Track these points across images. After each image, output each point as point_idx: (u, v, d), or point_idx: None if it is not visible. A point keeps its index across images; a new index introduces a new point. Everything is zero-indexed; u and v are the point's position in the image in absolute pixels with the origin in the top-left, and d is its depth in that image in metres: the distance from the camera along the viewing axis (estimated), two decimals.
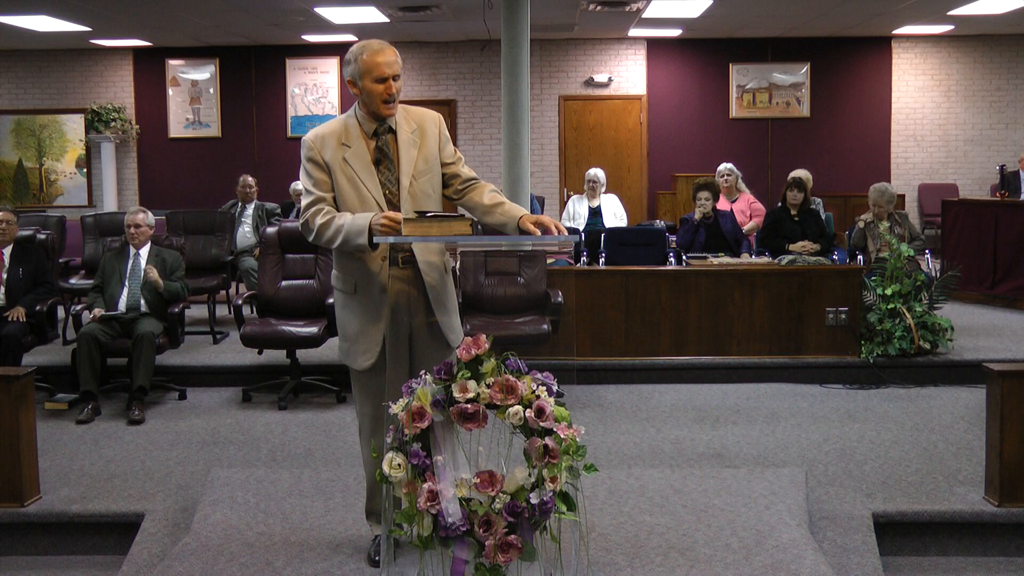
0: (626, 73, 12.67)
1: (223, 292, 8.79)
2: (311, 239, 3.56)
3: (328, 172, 3.55)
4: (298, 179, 11.85)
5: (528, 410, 3.10)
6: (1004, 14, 10.63)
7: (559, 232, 3.41)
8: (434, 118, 3.69)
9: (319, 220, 3.51)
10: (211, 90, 12.62)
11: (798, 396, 6.51)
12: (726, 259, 7.31)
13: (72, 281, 8.20)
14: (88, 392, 6.09)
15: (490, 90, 12.45)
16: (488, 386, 3.11)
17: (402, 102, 3.65)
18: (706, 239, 7.70)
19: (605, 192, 9.29)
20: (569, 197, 9.75)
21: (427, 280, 3.58)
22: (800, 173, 8.40)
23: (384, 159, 3.57)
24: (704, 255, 7.42)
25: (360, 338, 3.59)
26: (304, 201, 3.58)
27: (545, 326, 6.15)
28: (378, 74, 3.46)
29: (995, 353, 6.89)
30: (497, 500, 3.07)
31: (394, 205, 3.54)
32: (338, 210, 3.56)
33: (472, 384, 3.11)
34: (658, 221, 9.81)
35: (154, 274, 6.35)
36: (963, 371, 6.71)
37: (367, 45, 3.51)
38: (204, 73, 12.62)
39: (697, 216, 7.74)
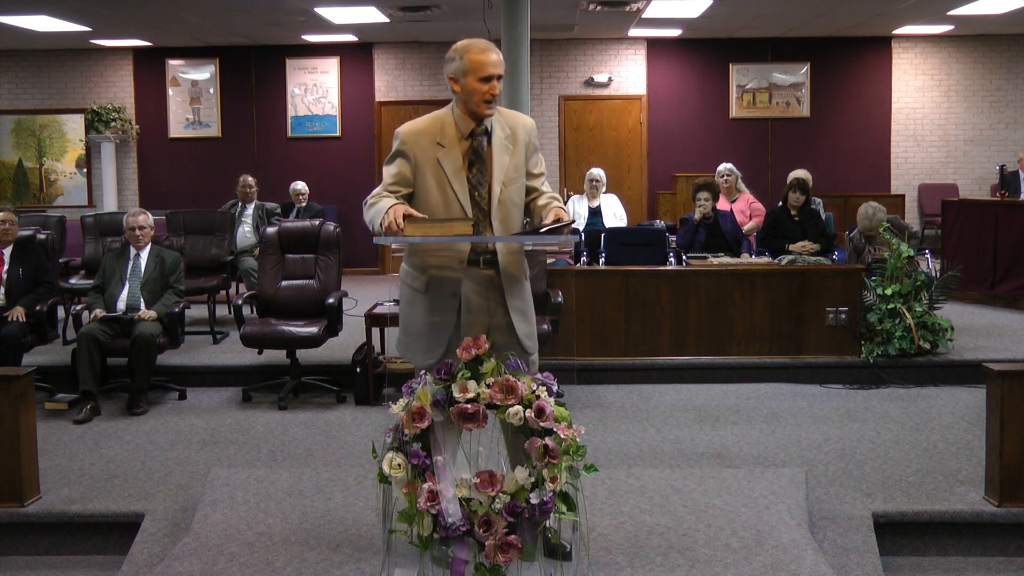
0: (626, 73, 12.66)
1: (223, 292, 8.79)
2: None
3: (414, 169, 3.50)
4: (298, 179, 11.80)
5: (528, 410, 3.10)
6: (1004, 14, 10.63)
7: (558, 221, 3.39)
8: (527, 125, 3.63)
9: (369, 201, 3.48)
10: (211, 90, 12.61)
11: (798, 396, 6.51)
12: (726, 259, 7.31)
13: (72, 281, 8.21)
14: (88, 392, 6.09)
15: None
16: (488, 386, 3.12)
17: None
18: (706, 239, 7.70)
19: (605, 192, 9.29)
20: (569, 197, 9.75)
21: (507, 285, 3.53)
22: (801, 174, 8.40)
23: (477, 161, 3.50)
24: (704, 255, 7.42)
25: (424, 336, 3.51)
26: (376, 189, 3.54)
27: (545, 326, 6.15)
28: (483, 73, 3.40)
29: (995, 353, 6.89)
30: (497, 500, 3.07)
31: (483, 211, 3.49)
32: (422, 210, 3.48)
33: (472, 384, 3.11)
34: (658, 221, 9.81)
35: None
36: (963, 371, 6.71)
37: (473, 43, 3.46)
38: (204, 73, 12.61)
39: (697, 216, 7.74)
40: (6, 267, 6.57)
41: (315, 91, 12.55)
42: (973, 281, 9.00)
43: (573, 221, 3.40)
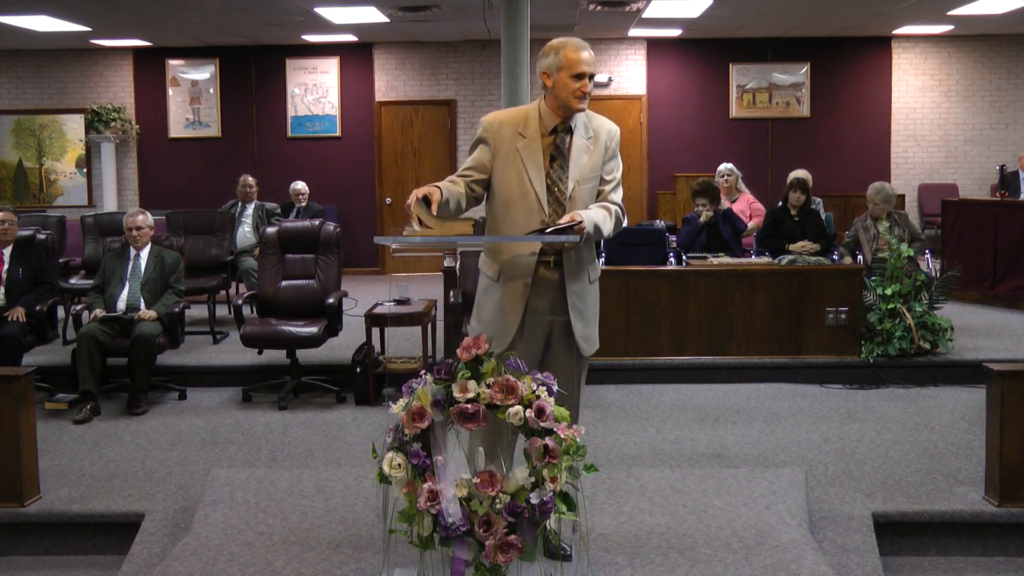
0: (626, 73, 12.66)
1: (223, 292, 8.79)
2: None
3: (493, 156, 3.57)
4: (298, 179, 11.83)
5: (528, 410, 3.10)
6: (1004, 14, 10.63)
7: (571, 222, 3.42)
8: (611, 131, 3.68)
9: None
10: (211, 90, 12.61)
11: (798, 396, 6.51)
12: (726, 259, 7.31)
13: (72, 281, 8.21)
14: (87, 392, 6.09)
15: (490, 90, 12.44)
16: (488, 386, 3.11)
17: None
18: (707, 239, 7.69)
19: None
20: None
21: (570, 285, 3.58)
22: (801, 173, 8.39)
23: (559, 157, 3.57)
24: (704, 255, 7.42)
25: (493, 325, 3.57)
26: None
27: None
28: (577, 70, 3.49)
29: (995, 353, 6.89)
30: (497, 500, 3.07)
31: (561, 204, 3.55)
32: (498, 199, 3.59)
33: (472, 384, 3.11)
34: (658, 221, 9.80)
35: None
36: (963, 371, 6.71)
37: (569, 41, 3.55)
38: (204, 73, 12.61)
39: (703, 220, 7.73)
40: (6, 267, 6.57)
41: (315, 91, 12.55)
42: (973, 281, 9.00)
43: (582, 223, 3.42)
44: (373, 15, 10.18)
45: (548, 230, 3.42)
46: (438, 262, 8.38)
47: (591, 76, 3.53)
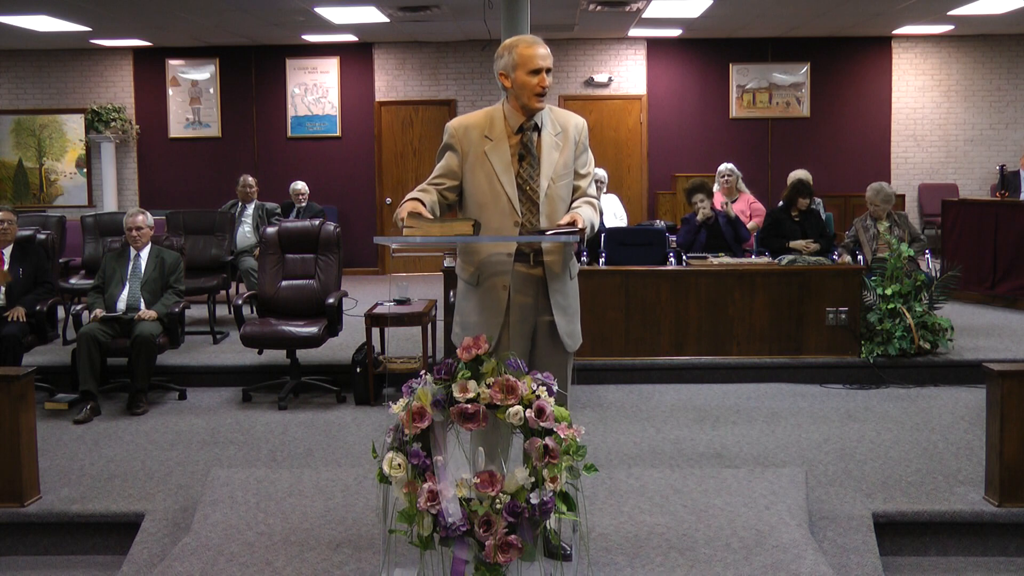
0: (626, 73, 12.66)
1: (223, 292, 8.79)
2: None
3: (462, 162, 3.56)
4: (298, 179, 11.81)
5: (528, 410, 3.10)
6: (1004, 14, 10.63)
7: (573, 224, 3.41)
8: (578, 124, 3.68)
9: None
10: (211, 90, 12.60)
11: (798, 396, 6.51)
12: (726, 259, 7.31)
13: (72, 281, 8.21)
14: (87, 392, 6.09)
15: (490, 90, 12.44)
16: (488, 386, 3.12)
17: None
18: (707, 239, 7.70)
19: (605, 192, 9.28)
20: None
21: (551, 282, 3.57)
22: (801, 174, 8.38)
23: (528, 155, 3.55)
24: (704, 255, 7.42)
25: (477, 328, 3.55)
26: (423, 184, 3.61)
27: None
28: (532, 66, 3.47)
29: (995, 353, 6.89)
30: (497, 500, 3.07)
31: (535, 203, 3.54)
32: (469, 202, 3.58)
33: (472, 384, 3.11)
34: (658, 221, 9.80)
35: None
36: (963, 371, 6.71)
37: (521, 38, 3.54)
38: (204, 73, 12.61)
39: (700, 218, 7.73)
40: (6, 267, 6.56)
41: (315, 91, 12.55)
42: (973, 281, 9.00)
43: (583, 228, 3.41)
44: (373, 15, 10.18)
45: (549, 232, 3.41)
46: (438, 262, 8.37)
47: (548, 70, 3.50)
